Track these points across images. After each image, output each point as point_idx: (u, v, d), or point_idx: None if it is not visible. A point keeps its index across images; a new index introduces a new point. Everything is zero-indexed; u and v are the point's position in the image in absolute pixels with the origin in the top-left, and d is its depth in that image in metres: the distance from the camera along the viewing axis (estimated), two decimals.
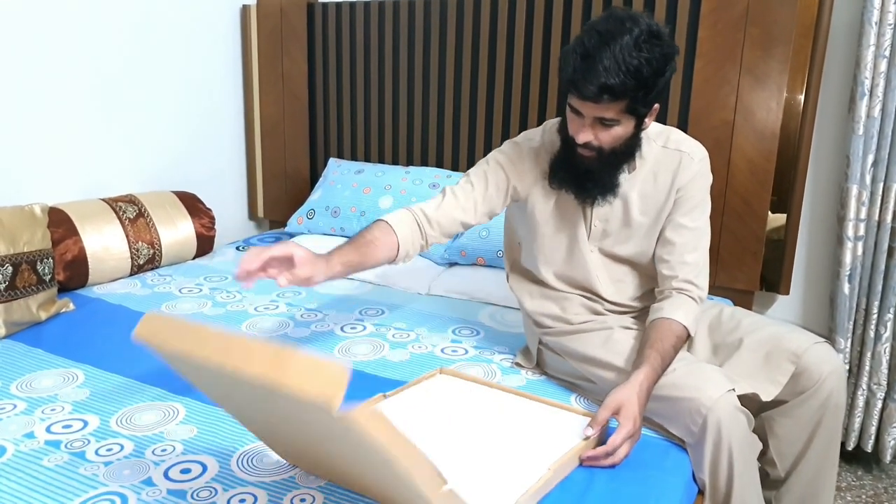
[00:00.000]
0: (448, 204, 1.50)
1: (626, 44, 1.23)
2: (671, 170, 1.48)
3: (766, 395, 1.40)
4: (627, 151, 1.42)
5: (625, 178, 1.47)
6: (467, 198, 1.51)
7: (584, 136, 1.35)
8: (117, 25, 2.39)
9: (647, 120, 1.38)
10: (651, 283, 1.59)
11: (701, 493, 1.36)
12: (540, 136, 1.58)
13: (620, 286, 1.58)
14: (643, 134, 1.46)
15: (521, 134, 1.62)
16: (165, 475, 1.21)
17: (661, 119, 2.21)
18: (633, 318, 1.60)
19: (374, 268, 1.44)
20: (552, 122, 1.55)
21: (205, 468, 1.23)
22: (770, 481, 1.50)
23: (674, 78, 2.20)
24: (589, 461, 1.25)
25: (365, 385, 1.56)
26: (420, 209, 1.49)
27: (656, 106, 1.37)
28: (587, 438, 1.27)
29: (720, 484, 1.31)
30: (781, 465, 1.48)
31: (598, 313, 1.59)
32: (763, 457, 1.47)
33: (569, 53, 1.30)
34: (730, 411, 1.28)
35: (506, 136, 2.46)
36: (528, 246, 1.62)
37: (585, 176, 1.42)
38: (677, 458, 1.34)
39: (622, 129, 1.35)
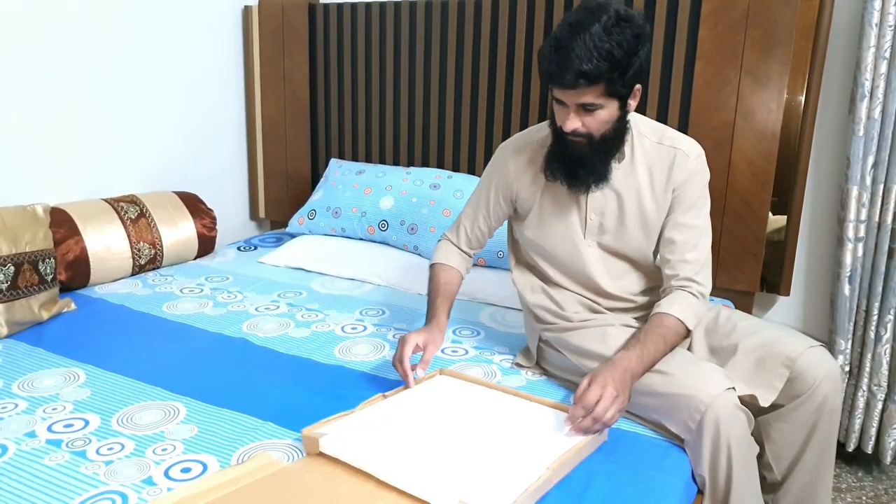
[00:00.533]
0: (465, 230, 1.71)
1: (595, 31, 1.29)
2: (667, 166, 1.50)
3: (764, 401, 1.40)
4: (617, 136, 1.45)
5: (616, 168, 1.49)
6: (476, 217, 1.69)
7: (571, 125, 1.39)
8: (119, 26, 2.40)
9: (630, 102, 1.42)
10: (652, 280, 1.61)
11: (700, 492, 1.37)
12: (525, 136, 1.63)
13: (620, 282, 1.60)
14: (636, 130, 1.50)
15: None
16: (166, 474, 1.21)
17: (662, 119, 2.22)
18: (634, 317, 1.61)
19: None
20: (546, 122, 1.58)
21: (205, 467, 1.24)
22: (767, 485, 1.51)
23: (674, 79, 2.20)
24: (573, 426, 1.29)
25: (366, 385, 1.57)
26: (452, 243, 1.72)
27: (638, 87, 1.41)
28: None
29: (719, 481, 1.32)
30: (778, 469, 1.49)
31: (596, 312, 1.60)
32: (759, 460, 1.47)
33: (544, 48, 1.36)
34: (729, 409, 1.29)
35: (506, 136, 2.46)
36: (528, 241, 1.63)
37: (578, 163, 1.45)
38: (677, 458, 1.35)
39: (606, 113, 1.38)
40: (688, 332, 1.46)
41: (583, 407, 1.27)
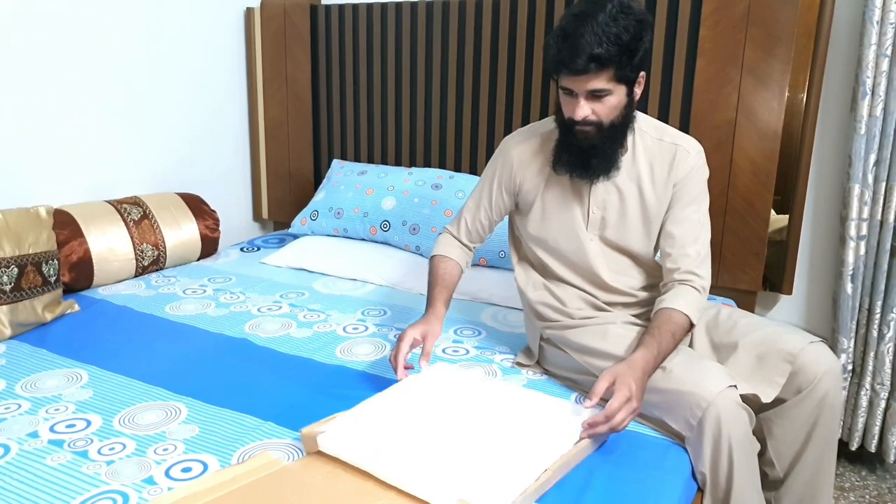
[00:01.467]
0: (466, 223, 1.71)
1: (602, 19, 1.33)
2: (667, 162, 1.52)
3: (766, 397, 1.40)
4: (624, 123, 1.47)
5: (622, 162, 1.51)
6: (478, 210, 1.69)
7: (581, 113, 1.40)
8: (122, 28, 2.41)
9: (636, 89, 1.44)
10: (652, 276, 1.61)
11: (701, 490, 1.37)
12: (530, 129, 1.65)
13: (621, 276, 1.60)
14: (638, 127, 1.52)
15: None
16: (167, 474, 1.22)
17: (664, 118, 2.22)
18: (634, 314, 1.61)
19: None
20: (550, 117, 1.60)
21: (206, 467, 1.24)
22: (769, 482, 1.51)
23: (675, 78, 2.20)
24: (589, 428, 1.27)
25: (367, 385, 1.57)
26: (453, 236, 1.73)
27: (642, 74, 1.44)
28: (587, 407, 1.31)
29: (720, 479, 1.32)
30: (780, 466, 1.49)
31: (599, 309, 1.60)
32: (761, 457, 1.48)
33: (551, 39, 1.39)
34: (730, 406, 1.29)
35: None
36: (530, 235, 1.64)
37: (589, 152, 1.46)
38: (676, 457, 1.34)
39: (615, 99, 1.41)
40: (691, 327, 1.47)
41: (607, 419, 1.26)
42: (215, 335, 1.85)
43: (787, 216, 2.18)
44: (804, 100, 2.10)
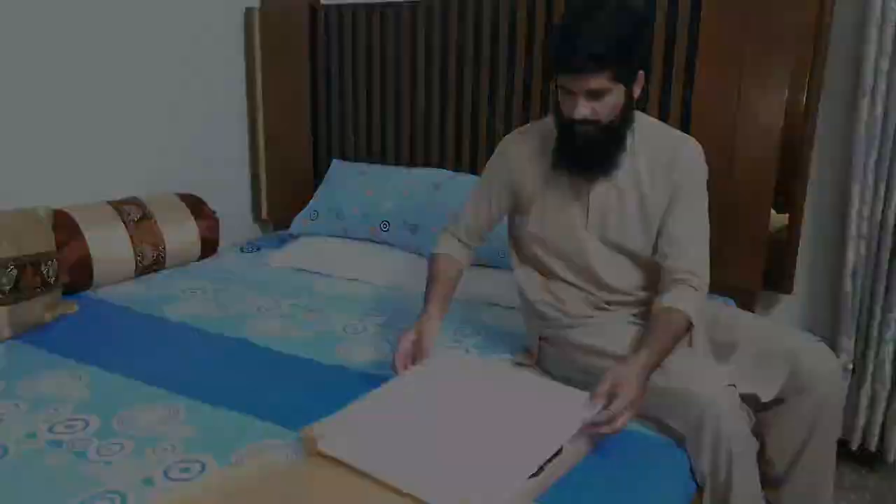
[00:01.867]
0: (465, 221, 1.71)
1: (601, 17, 1.34)
2: (667, 162, 1.51)
3: (765, 397, 1.40)
4: (624, 122, 1.47)
5: (621, 162, 1.50)
6: (478, 209, 1.69)
7: (580, 112, 1.40)
8: (122, 29, 2.41)
9: (635, 88, 1.44)
10: (652, 276, 1.61)
11: (699, 489, 1.36)
12: (529, 129, 1.65)
13: (621, 276, 1.60)
14: (638, 126, 1.51)
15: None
16: (165, 474, 1.22)
17: (664, 119, 2.21)
18: (634, 313, 1.61)
19: None
20: (547, 118, 1.60)
21: (204, 467, 1.24)
22: (769, 481, 1.50)
23: (675, 78, 2.20)
24: (589, 428, 1.26)
25: (367, 385, 1.56)
26: (453, 234, 1.72)
27: (642, 73, 1.44)
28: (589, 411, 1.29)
29: (720, 478, 1.32)
30: (779, 465, 1.49)
31: (598, 308, 1.60)
32: (761, 457, 1.47)
33: (552, 37, 1.41)
34: (729, 406, 1.30)
35: None
36: (530, 235, 1.64)
37: (588, 152, 1.46)
38: (675, 456, 1.35)
39: (614, 98, 1.41)
40: (690, 327, 1.46)
41: (609, 417, 1.25)
42: (215, 336, 1.85)
43: (788, 215, 2.17)
44: (804, 99, 2.09)
